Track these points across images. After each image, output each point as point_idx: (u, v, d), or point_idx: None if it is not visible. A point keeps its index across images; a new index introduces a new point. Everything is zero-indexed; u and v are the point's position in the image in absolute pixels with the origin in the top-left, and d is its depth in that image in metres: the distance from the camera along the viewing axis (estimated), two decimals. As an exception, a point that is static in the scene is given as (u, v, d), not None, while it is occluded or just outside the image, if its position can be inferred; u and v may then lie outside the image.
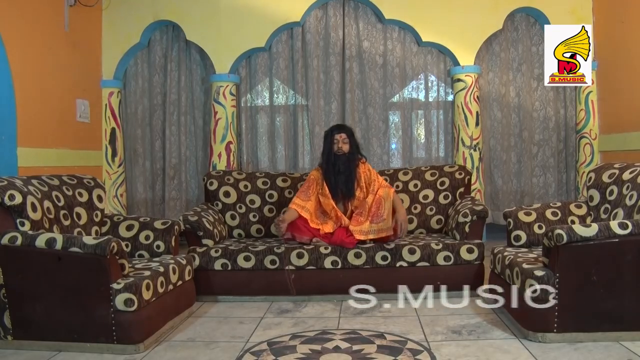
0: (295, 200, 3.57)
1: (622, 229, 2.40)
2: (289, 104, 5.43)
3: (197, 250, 3.45)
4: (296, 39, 5.30)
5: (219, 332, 2.82)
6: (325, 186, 3.58)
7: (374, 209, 3.47)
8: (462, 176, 3.99)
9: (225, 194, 4.00)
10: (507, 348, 2.46)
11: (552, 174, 5.31)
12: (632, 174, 2.89)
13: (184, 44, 5.36)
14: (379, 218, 3.44)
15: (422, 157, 5.42)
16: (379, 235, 3.42)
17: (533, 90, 5.27)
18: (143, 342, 2.52)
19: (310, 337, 2.66)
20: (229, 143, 5.15)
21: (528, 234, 3.14)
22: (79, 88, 4.84)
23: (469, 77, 5.04)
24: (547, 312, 2.47)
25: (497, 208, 5.26)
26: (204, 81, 5.43)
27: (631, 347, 2.39)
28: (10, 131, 3.88)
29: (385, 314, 3.08)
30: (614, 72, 4.76)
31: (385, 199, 3.49)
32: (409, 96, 5.40)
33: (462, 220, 3.50)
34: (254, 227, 3.99)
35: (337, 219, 3.56)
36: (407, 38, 5.28)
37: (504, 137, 5.31)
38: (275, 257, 3.38)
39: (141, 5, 5.19)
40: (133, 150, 5.45)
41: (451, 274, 3.36)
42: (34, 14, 4.18)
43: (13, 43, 3.89)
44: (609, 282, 2.44)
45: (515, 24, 5.26)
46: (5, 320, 2.54)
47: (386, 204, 3.47)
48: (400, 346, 2.49)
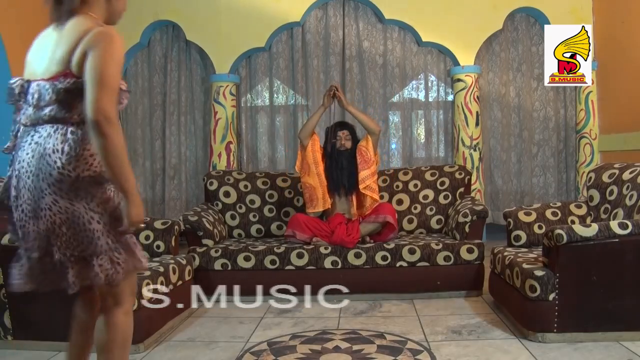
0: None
1: (622, 229, 2.40)
2: (289, 104, 5.43)
3: (197, 250, 3.45)
4: (296, 39, 5.30)
5: (219, 332, 2.82)
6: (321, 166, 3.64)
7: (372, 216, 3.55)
8: (462, 176, 3.99)
9: (225, 194, 4.00)
10: (507, 348, 2.47)
11: (552, 174, 5.31)
12: (632, 174, 2.89)
13: (184, 44, 5.36)
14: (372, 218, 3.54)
15: (422, 157, 5.41)
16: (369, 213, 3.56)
17: (533, 90, 5.27)
18: (143, 342, 2.52)
19: (310, 337, 2.66)
20: (229, 143, 5.15)
21: (528, 234, 3.14)
22: (79, 88, 4.83)
23: (469, 77, 5.04)
24: (547, 312, 2.47)
25: (497, 208, 5.26)
26: (204, 81, 5.42)
27: (631, 347, 2.39)
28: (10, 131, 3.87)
29: (385, 314, 3.08)
30: (614, 72, 4.76)
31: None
32: (409, 96, 5.40)
33: (462, 220, 3.50)
34: (254, 227, 3.99)
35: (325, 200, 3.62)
36: (407, 38, 5.28)
37: (504, 137, 5.31)
38: (275, 257, 3.39)
39: (141, 5, 5.18)
40: (133, 150, 5.45)
41: (451, 274, 3.36)
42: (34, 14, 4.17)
43: (13, 43, 3.89)
44: (609, 282, 2.44)
45: (515, 24, 5.26)
46: (5, 320, 2.54)
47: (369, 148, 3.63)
48: (400, 346, 2.49)
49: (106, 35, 1.57)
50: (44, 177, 1.55)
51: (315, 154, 3.64)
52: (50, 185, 1.54)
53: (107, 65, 1.53)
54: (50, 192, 1.54)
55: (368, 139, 3.64)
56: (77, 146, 1.55)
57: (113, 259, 1.60)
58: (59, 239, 1.56)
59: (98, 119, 1.48)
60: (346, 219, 3.60)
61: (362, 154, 3.60)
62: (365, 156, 3.59)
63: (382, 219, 3.50)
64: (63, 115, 1.58)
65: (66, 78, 1.57)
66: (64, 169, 1.53)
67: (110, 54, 1.55)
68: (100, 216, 1.57)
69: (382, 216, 3.50)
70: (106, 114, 1.49)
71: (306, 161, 3.63)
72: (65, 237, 1.56)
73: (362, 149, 3.61)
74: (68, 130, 1.57)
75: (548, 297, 2.46)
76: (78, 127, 1.57)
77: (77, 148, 1.55)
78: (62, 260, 1.57)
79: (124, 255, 1.63)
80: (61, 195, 1.54)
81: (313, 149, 3.64)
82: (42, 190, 1.55)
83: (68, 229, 1.55)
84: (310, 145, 3.63)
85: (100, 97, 1.50)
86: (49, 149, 1.56)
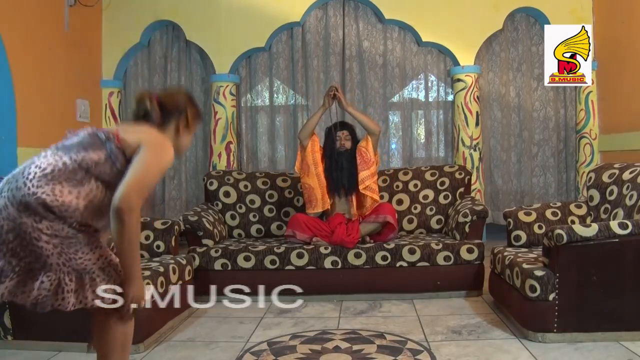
0: None
1: (622, 229, 2.40)
2: (289, 104, 5.43)
3: (197, 250, 3.45)
4: (296, 39, 5.30)
5: (219, 332, 2.82)
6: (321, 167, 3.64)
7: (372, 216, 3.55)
8: (462, 176, 3.99)
9: (225, 194, 4.00)
10: (507, 348, 2.47)
11: (552, 174, 5.30)
12: (632, 174, 2.89)
13: (184, 44, 5.36)
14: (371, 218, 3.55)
15: (422, 157, 5.41)
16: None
17: (533, 90, 5.27)
18: (143, 342, 2.53)
19: (310, 337, 2.66)
20: (229, 143, 5.15)
21: (528, 234, 3.14)
22: (79, 88, 4.84)
23: (469, 77, 5.04)
24: (547, 312, 2.47)
25: (497, 208, 5.26)
26: (204, 81, 5.42)
27: (631, 347, 2.39)
28: (10, 131, 3.88)
29: (385, 314, 3.08)
30: (614, 72, 4.76)
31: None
32: (409, 96, 5.40)
33: (462, 220, 3.50)
34: (254, 227, 3.99)
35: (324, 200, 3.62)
36: (407, 38, 5.28)
37: (504, 137, 5.30)
38: (275, 257, 3.39)
39: (141, 5, 5.19)
40: (133, 150, 5.44)
41: (451, 274, 3.36)
42: (34, 14, 4.18)
43: (13, 43, 3.88)
44: (609, 282, 2.44)
45: (515, 24, 5.26)
46: (5, 320, 2.54)
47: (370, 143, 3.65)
48: (400, 346, 2.49)
49: (163, 140, 1.73)
50: (10, 179, 1.59)
51: (315, 155, 3.63)
52: (10, 189, 1.55)
53: (153, 165, 1.65)
54: (6, 195, 1.55)
55: (368, 140, 3.64)
56: (57, 175, 1.57)
57: (61, 282, 1.56)
58: (5, 245, 1.53)
59: (122, 207, 1.55)
60: (346, 219, 3.60)
61: (362, 155, 3.60)
62: (365, 157, 3.59)
63: (382, 218, 3.50)
64: (76, 160, 1.62)
65: (118, 146, 1.65)
66: (28, 180, 1.54)
67: (159, 157, 1.67)
68: (50, 238, 1.53)
69: (382, 216, 3.50)
70: (131, 205, 1.56)
71: (306, 162, 3.63)
72: (12, 244, 1.53)
73: (362, 150, 3.61)
74: (65, 164, 1.60)
75: (548, 297, 2.46)
76: (74, 172, 1.60)
77: (56, 177, 1.56)
78: (4, 269, 1.54)
79: (75, 285, 1.59)
80: (12, 203, 1.53)
81: (313, 150, 3.64)
82: (2, 190, 1.57)
83: (14, 238, 1.53)
84: (310, 146, 3.63)
85: (134, 189, 1.58)
86: (36, 161, 1.60)
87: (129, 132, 1.70)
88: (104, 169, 1.63)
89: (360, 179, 3.54)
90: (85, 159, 1.61)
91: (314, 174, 3.60)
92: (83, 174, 1.61)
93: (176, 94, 1.91)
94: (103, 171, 1.63)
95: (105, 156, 1.64)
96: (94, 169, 1.62)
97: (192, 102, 1.91)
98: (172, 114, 1.82)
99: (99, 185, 1.62)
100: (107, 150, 1.64)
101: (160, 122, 1.79)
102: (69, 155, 1.62)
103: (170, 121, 1.82)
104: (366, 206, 3.61)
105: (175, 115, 1.83)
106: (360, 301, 3.33)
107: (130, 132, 1.70)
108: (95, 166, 1.62)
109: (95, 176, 1.62)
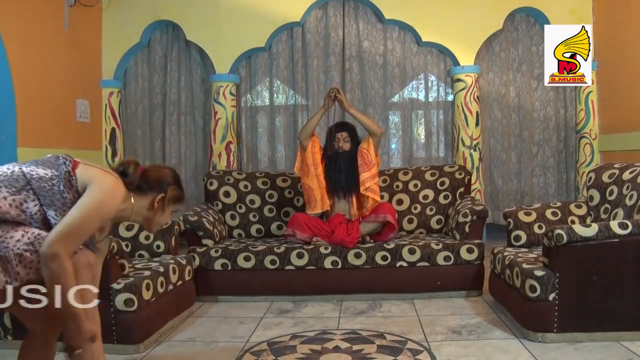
0: None
1: (622, 229, 2.40)
2: (289, 104, 5.43)
3: (197, 250, 3.45)
4: (296, 39, 5.30)
5: (219, 332, 2.82)
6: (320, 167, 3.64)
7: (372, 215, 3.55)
8: (462, 176, 3.99)
9: (225, 194, 4.00)
10: (507, 348, 2.47)
11: (552, 174, 5.31)
12: (632, 174, 2.89)
13: (184, 44, 5.36)
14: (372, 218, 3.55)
15: (422, 157, 5.41)
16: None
17: (533, 90, 5.27)
18: (143, 342, 2.52)
19: (310, 337, 2.66)
20: (229, 143, 5.15)
21: (528, 234, 3.14)
22: (79, 88, 4.84)
23: (469, 77, 5.04)
24: (547, 312, 2.47)
25: (497, 208, 5.26)
26: (204, 81, 5.42)
27: (631, 347, 2.39)
28: (10, 131, 3.88)
29: (385, 314, 3.08)
30: (614, 72, 4.76)
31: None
32: (409, 96, 5.39)
33: (462, 220, 3.50)
34: (254, 227, 3.99)
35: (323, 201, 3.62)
36: (407, 38, 5.28)
37: (504, 137, 5.30)
38: (275, 257, 3.39)
39: (141, 5, 5.19)
40: (133, 150, 5.45)
41: (451, 274, 3.36)
42: (34, 14, 4.18)
43: (13, 43, 3.89)
44: (609, 282, 2.44)
45: (515, 24, 5.26)
46: (5, 320, 2.54)
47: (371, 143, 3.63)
48: (400, 346, 2.49)
49: (114, 187, 1.68)
50: None
51: (314, 156, 3.63)
52: None
53: (92, 210, 1.61)
54: None
55: (369, 141, 3.64)
56: (1, 179, 1.62)
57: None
58: None
59: (46, 253, 1.53)
60: (346, 219, 3.60)
61: (363, 156, 3.60)
62: (366, 158, 3.59)
63: (382, 218, 3.50)
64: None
65: (70, 173, 1.66)
66: None
67: (101, 202, 1.64)
68: None
69: (382, 216, 3.50)
70: (55, 253, 1.53)
71: (306, 163, 3.62)
72: None
73: (364, 151, 3.61)
74: (13, 172, 1.64)
75: (548, 297, 2.46)
76: (17, 180, 1.63)
77: (18, 193, 1.61)
78: None
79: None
80: None
81: (313, 150, 3.64)
82: None
83: None
84: (310, 147, 3.63)
85: (63, 237, 1.56)
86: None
87: (90, 169, 1.70)
88: (45, 186, 1.63)
89: (361, 180, 3.54)
90: (31, 172, 1.65)
91: (314, 175, 3.60)
92: (24, 184, 1.63)
93: (163, 170, 1.90)
94: (43, 187, 1.63)
95: (52, 175, 1.65)
96: (35, 182, 1.63)
97: (177, 184, 1.90)
98: (151, 188, 1.82)
99: (34, 199, 1.63)
100: (59, 171, 1.65)
101: (135, 188, 1.79)
102: (20, 165, 1.67)
103: (147, 194, 1.82)
104: (367, 207, 3.61)
105: (155, 190, 1.83)
106: (360, 301, 3.33)
107: (90, 169, 1.70)
108: (38, 180, 1.64)
109: (34, 190, 1.63)
